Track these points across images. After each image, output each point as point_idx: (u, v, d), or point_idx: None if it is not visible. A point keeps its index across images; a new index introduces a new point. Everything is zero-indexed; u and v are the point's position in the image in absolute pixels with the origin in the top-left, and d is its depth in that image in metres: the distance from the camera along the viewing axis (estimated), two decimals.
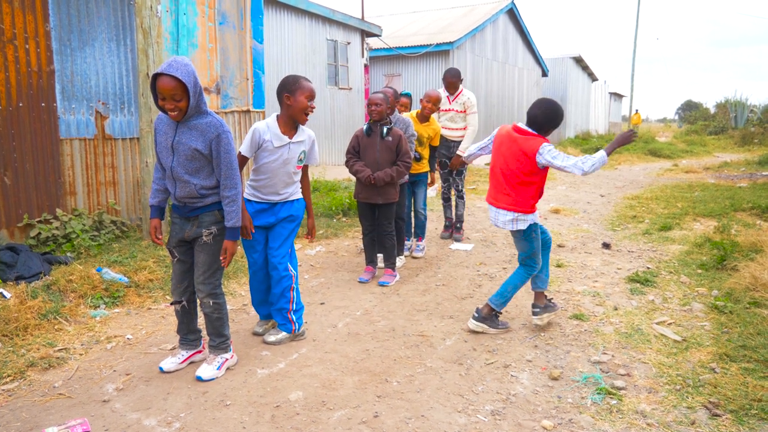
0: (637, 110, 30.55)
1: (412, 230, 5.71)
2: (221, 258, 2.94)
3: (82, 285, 4.05)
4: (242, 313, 3.98)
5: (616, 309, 4.04)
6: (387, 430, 2.52)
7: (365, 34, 14.25)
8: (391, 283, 4.64)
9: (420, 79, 17.41)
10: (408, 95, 5.95)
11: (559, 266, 5.14)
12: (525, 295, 4.35)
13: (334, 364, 3.18)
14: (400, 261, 5.18)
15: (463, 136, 6.11)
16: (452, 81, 6.07)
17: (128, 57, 5.77)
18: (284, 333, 3.49)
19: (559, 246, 5.95)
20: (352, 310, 4.07)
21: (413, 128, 5.03)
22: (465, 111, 6.10)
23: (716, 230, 5.97)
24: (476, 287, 4.61)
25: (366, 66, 14.59)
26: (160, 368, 3.06)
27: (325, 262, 5.35)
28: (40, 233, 4.92)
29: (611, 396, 2.80)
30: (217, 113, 6.83)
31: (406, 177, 4.93)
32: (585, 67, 28.88)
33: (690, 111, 51.32)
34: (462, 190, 6.28)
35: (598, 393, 2.83)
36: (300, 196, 3.54)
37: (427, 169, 5.55)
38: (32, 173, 5.02)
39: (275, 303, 3.49)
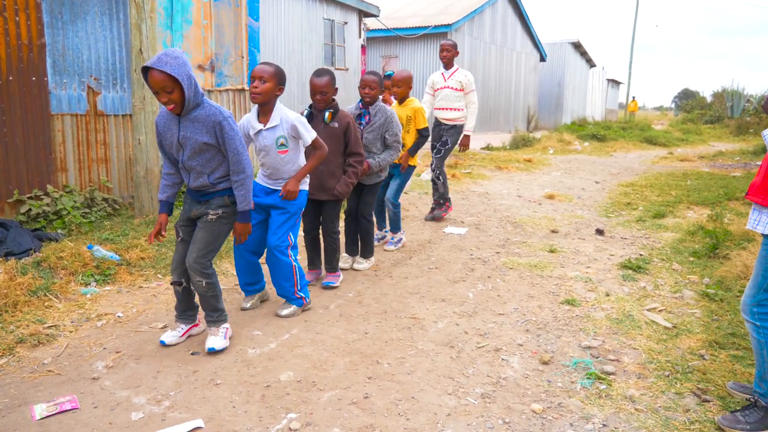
0: (634, 97, 30.52)
1: (386, 223, 5.35)
2: (212, 240, 2.98)
3: (72, 262, 4.03)
4: (234, 293, 3.97)
5: (607, 295, 4.05)
6: (377, 412, 2.52)
7: (363, 14, 14.09)
8: (337, 282, 4.14)
9: (417, 61, 17.29)
10: (390, 76, 5.16)
11: (552, 252, 5.15)
12: (517, 279, 4.36)
13: (325, 345, 3.18)
14: (368, 262, 4.61)
15: (457, 119, 6.02)
16: (448, 53, 5.88)
17: (121, 32, 5.68)
18: (295, 306, 3.58)
19: (553, 231, 5.96)
20: (344, 291, 4.07)
21: (397, 122, 4.39)
22: (463, 90, 5.95)
23: (709, 219, 5.99)
24: (469, 271, 4.61)
25: (363, 47, 14.44)
26: (162, 341, 3.09)
27: None
28: (30, 209, 4.88)
29: (601, 381, 2.82)
30: (211, 91, 6.75)
31: (383, 175, 4.47)
32: (583, 53, 28.75)
33: (687, 99, 51.32)
34: (436, 170, 6.06)
35: (587, 378, 2.85)
36: (305, 188, 3.56)
37: (412, 162, 5.11)
38: (23, 149, 4.96)
39: (280, 288, 3.55)
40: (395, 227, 5.24)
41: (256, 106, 3.37)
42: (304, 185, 3.57)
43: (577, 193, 8.58)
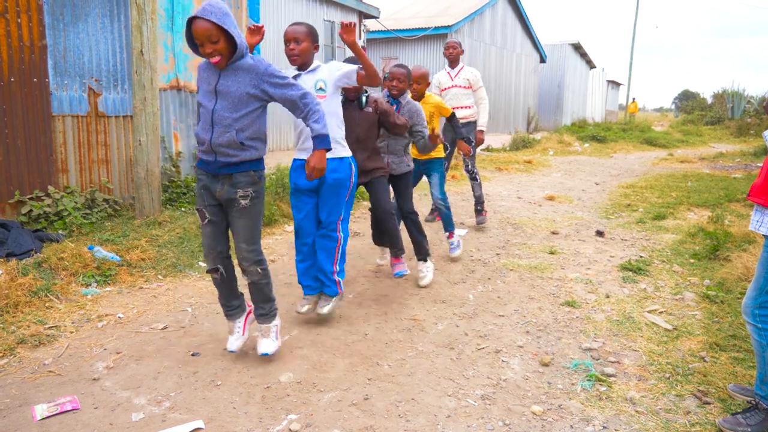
0: (634, 99, 30.52)
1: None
2: (253, 227, 2.80)
3: (73, 263, 4.03)
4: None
5: (608, 297, 4.05)
6: (377, 413, 2.52)
7: (363, 15, 14.10)
8: (407, 271, 4.08)
9: (417, 62, 17.29)
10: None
11: (552, 253, 5.15)
12: (517, 281, 4.36)
13: (325, 347, 3.18)
14: (428, 269, 4.29)
15: (469, 116, 5.95)
16: (454, 51, 5.85)
17: (122, 33, 5.68)
18: (333, 298, 3.46)
19: (553, 233, 5.96)
20: (345, 292, 4.06)
21: (424, 117, 4.24)
22: (471, 87, 5.90)
23: (710, 220, 5.99)
24: (469, 272, 4.61)
25: (363, 48, 14.46)
26: (230, 350, 2.96)
27: None
28: (31, 210, 4.88)
29: (601, 383, 2.82)
30: None
31: (412, 164, 4.27)
32: (583, 54, 28.76)
33: (687, 101, 51.29)
34: (474, 171, 6.02)
35: (588, 379, 2.85)
36: (347, 154, 3.32)
37: (441, 154, 4.90)
38: (24, 150, 4.96)
39: (321, 272, 3.43)
40: (450, 226, 4.98)
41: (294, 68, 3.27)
42: (347, 151, 3.35)
43: (577, 194, 8.58)
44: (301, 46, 3.17)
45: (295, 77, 3.25)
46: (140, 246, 4.52)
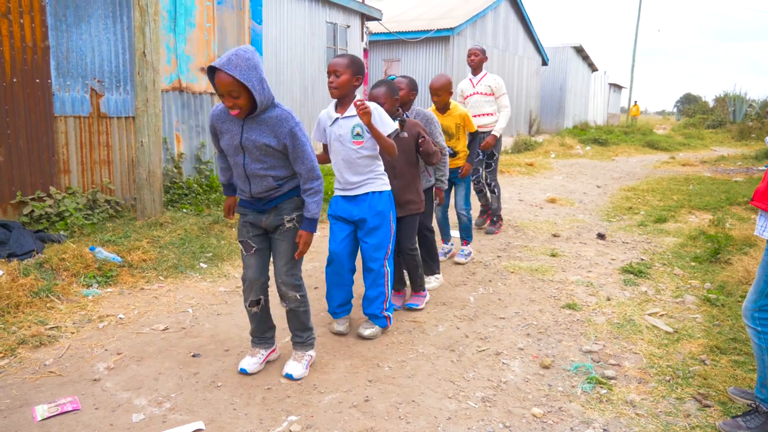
0: (636, 102, 30.52)
1: (459, 233, 5.09)
2: (296, 250, 2.73)
3: (74, 264, 4.04)
4: (235, 296, 3.98)
5: (608, 299, 4.05)
6: (377, 415, 2.53)
7: (365, 17, 14.12)
8: (421, 305, 3.85)
9: (420, 64, 17.31)
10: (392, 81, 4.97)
11: (553, 256, 5.15)
12: (518, 283, 4.36)
13: (326, 348, 3.18)
14: (436, 281, 4.28)
15: (491, 125, 5.80)
16: (476, 58, 5.76)
17: (125, 35, 5.70)
18: (378, 327, 3.38)
19: (554, 236, 5.96)
20: None
21: (438, 124, 4.10)
22: (493, 94, 5.79)
23: (711, 223, 5.98)
24: (470, 275, 4.61)
25: (365, 50, 14.47)
26: (243, 370, 2.84)
27: (321, 247, 5.34)
28: (33, 211, 4.89)
29: (601, 385, 2.82)
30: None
31: (431, 179, 4.12)
32: (585, 57, 28.75)
33: (689, 104, 51.25)
34: (492, 183, 5.94)
35: (588, 382, 2.84)
36: (386, 188, 3.27)
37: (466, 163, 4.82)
38: (26, 150, 4.98)
39: (368, 304, 3.38)
40: (468, 235, 5.02)
41: (335, 100, 3.22)
42: (387, 185, 3.30)
43: (579, 197, 8.58)
44: (341, 79, 3.09)
45: (334, 121, 3.20)
46: (141, 247, 4.53)
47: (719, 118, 26.89)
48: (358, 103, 3.02)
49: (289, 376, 2.83)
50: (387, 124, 3.14)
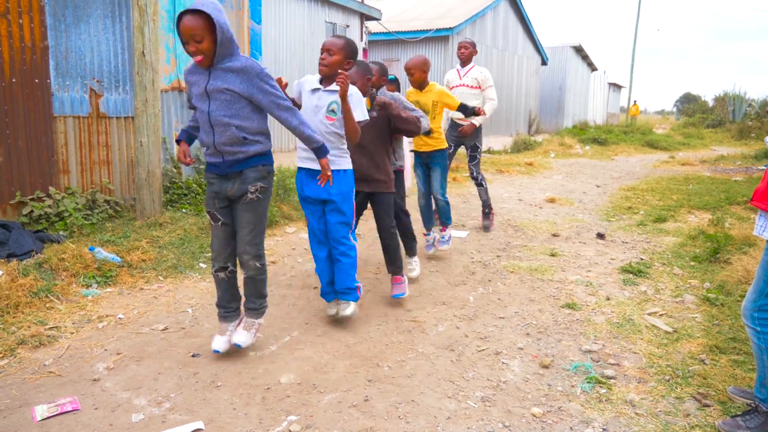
0: (635, 101, 30.53)
1: (435, 219, 5.13)
2: (259, 221, 2.86)
3: (74, 264, 4.03)
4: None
5: (608, 299, 4.05)
6: (377, 414, 2.53)
7: (364, 17, 14.11)
8: (406, 292, 3.89)
9: None
10: (393, 80, 4.76)
11: (552, 255, 5.15)
12: (518, 283, 4.37)
13: (325, 348, 3.18)
14: (417, 266, 4.37)
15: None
16: (466, 50, 5.79)
17: (124, 35, 5.70)
18: (352, 302, 3.47)
19: (554, 235, 5.96)
20: None
21: (403, 99, 4.14)
22: (480, 87, 5.80)
23: (710, 223, 5.98)
24: (470, 274, 4.61)
25: (365, 50, 14.47)
26: (216, 351, 2.96)
27: None
28: (32, 211, 4.89)
29: (601, 385, 2.82)
30: None
31: (398, 162, 4.18)
32: (585, 57, 28.75)
33: (688, 103, 51.26)
34: (479, 177, 5.94)
35: (588, 382, 2.85)
36: (350, 167, 3.35)
37: (443, 146, 4.82)
38: (25, 150, 4.97)
39: (340, 281, 3.45)
40: (447, 219, 5.02)
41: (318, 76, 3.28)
42: (349, 164, 3.38)
43: (578, 196, 8.58)
44: (332, 58, 3.16)
45: (315, 90, 3.25)
46: (141, 247, 4.53)
47: (719, 118, 26.90)
48: (341, 77, 3.04)
49: (237, 346, 2.97)
50: (360, 110, 3.22)
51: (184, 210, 5.83)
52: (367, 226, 5.90)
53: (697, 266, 4.80)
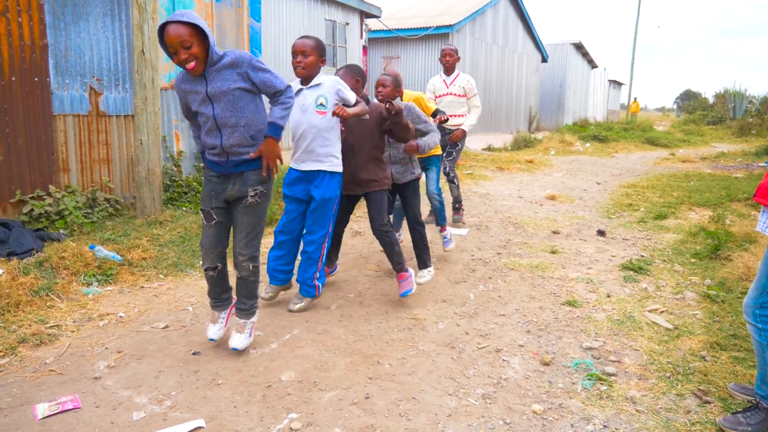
0: (635, 98, 30.49)
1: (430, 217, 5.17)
2: (264, 165, 2.77)
3: (74, 262, 4.03)
4: None
5: (609, 296, 4.05)
6: (378, 412, 2.53)
7: (364, 14, 14.10)
8: (413, 288, 3.78)
9: (419, 62, 17.29)
10: None
11: (553, 253, 5.15)
12: (518, 280, 4.36)
13: (326, 346, 3.18)
14: (429, 275, 4.17)
15: (461, 125, 5.91)
16: (451, 59, 5.81)
17: (123, 33, 5.69)
18: (307, 299, 3.58)
19: (554, 232, 5.96)
20: (345, 291, 4.07)
21: (417, 109, 4.10)
22: (465, 95, 5.89)
23: (711, 220, 5.98)
24: (470, 272, 4.61)
25: (364, 48, 14.45)
26: (211, 339, 3.04)
27: None
28: (32, 209, 4.89)
29: (602, 382, 2.82)
30: None
31: (417, 172, 4.13)
32: (585, 54, 28.74)
33: (689, 100, 51.17)
34: (452, 174, 5.99)
35: (588, 379, 2.85)
36: (338, 170, 3.47)
37: (439, 152, 5.03)
38: (25, 149, 4.97)
39: (300, 274, 3.57)
40: (443, 220, 5.01)
41: (298, 80, 3.41)
42: (339, 166, 3.49)
43: (579, 194, 8.57)
44: (308, 60, 3.28)
45: (298, 92, 3.37)
46: (141, 245, 4.53)
47: (719, 115, 26.87)
48: (337, 109, 3.23)
49: (235, 350, 2.98)
50: (347, 97, 3.36)
51: (184, 208, 5.83)
52: (367, 223, 5.90)
53: (698, 263, 4.79)
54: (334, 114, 3.24)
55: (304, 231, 3.58)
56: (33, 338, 3.11)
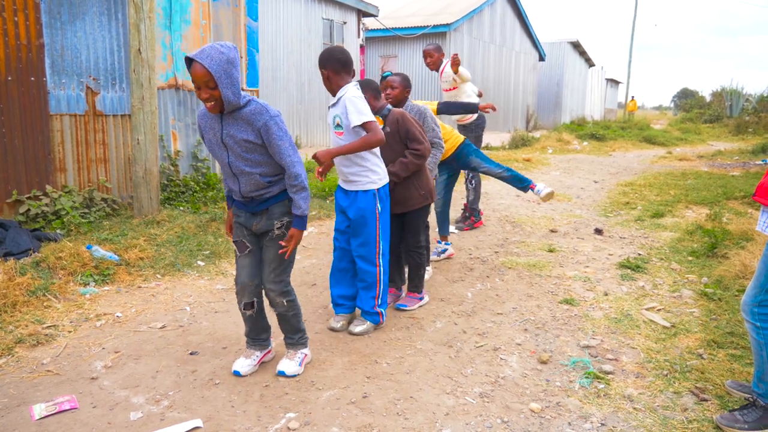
0: (633, 97, 30.52)
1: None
2: (283, 245, 2.66)
3: (71, 262, 4.03)
4: (232, 293, 3.97)
5: (606, 294, 4.05)
6: (375, 411, 2.53)
7: (361, 13, 14.08)
8: (411, 306, 3.74)
9: (416, 61, 17.27)
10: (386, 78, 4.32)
11: (550, 251, 5.15)
12: (516, 279, 4.37)
13: (324, 345, 3.18)
14: (426, 273, 4.19)
15: (464, 119, 5.83)
16: (431, 59, 5.70)
17: (120, 32, 5.68)
18: (370, 323, 3.38)
19: (552, 231, 5.96)
20: None
21: (433, 117, 4.05)
22: (455, 83, 5.71)
23: (708, 218, 5.99)
24: (468, 270, 4.61)
25: (362, 47, 14.44)
26: (236, 372, 2.80)
27: (317, 244, 5.34)
28: (29, 209, 4.88)
29: (599, 380, 2.82)
30: None
31: (435, 172, 4.06)
32: (582, 53, 28.74)
33: (686, 99, 51.25)
34: (470, 175, 5.84)
35: (586, 377, 2.85)
36: (372, 186, 3.22)
37: (460, 141, 4.72)
38: (21, 149, 4.96)
39: (360, 299, 3.39)
40: (445, 230, 4.98)
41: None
42: (375, 183, 3.24)
43: (576, 192, 8.58)
44: (324, 77, 3.15)
45: (328, 111, 3.25)
46: (138, 245, 4.52)
47: (716, 113, 26.91)
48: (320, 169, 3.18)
49: (281, 373, 2.81)
50: (360, 114, 3.04)
51: (181, 208, 5.82)
52: None
53: (695, 261, 4.80)
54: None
55: (354, 254, 3.35)
56: (30, 338, 3.10)
